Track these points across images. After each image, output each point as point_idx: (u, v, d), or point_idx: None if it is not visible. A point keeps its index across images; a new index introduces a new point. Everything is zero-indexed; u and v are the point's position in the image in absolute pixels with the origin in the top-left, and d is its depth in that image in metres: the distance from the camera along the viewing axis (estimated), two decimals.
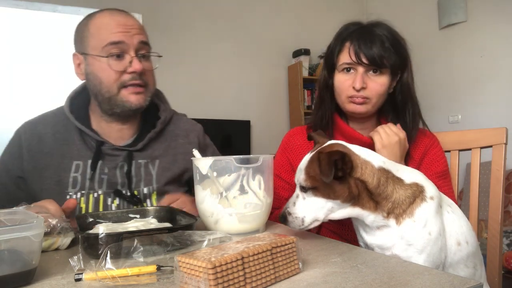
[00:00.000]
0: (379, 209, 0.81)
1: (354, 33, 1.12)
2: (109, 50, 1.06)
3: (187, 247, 0.72)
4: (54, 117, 1.18)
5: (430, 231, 0.80)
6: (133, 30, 1.09)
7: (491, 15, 3.77)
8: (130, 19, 1.11)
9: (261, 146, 4.34)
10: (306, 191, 0.82)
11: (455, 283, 0.55)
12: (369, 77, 1.10)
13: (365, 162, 0.81)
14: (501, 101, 3.69)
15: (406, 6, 4.57)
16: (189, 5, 4.13)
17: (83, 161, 1.11)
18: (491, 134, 1.20)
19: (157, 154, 1.18)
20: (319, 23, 4.74)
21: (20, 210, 0.74)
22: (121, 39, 1.06)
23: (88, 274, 0.58)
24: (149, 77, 1.14)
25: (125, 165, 1.12)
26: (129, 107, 1.10)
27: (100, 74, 1.08)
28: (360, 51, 1.08)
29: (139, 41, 1.09)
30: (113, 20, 1.08)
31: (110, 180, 1.11)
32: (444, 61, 4.17)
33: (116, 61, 1.07)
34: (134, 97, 1.10)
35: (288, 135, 1.29)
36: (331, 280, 0.58)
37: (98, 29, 1.08)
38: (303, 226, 0.83)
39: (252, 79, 4.45)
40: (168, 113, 1.24)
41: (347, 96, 1.13)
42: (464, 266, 0.86)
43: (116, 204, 1.11)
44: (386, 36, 1.10)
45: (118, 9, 1.13)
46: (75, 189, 1.10)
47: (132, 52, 1.08)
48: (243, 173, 0.88)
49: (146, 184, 1.14)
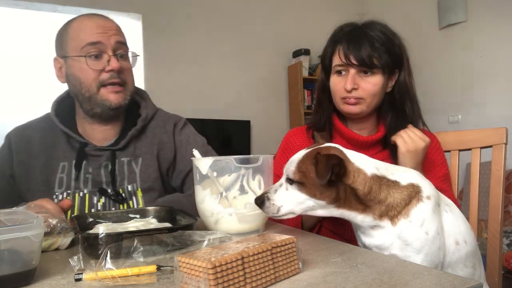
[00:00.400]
0: (368, 211, 0.81)
1: (344, 35, 1.13)
2: (87, 50, 1.10)
3: (187, 247, 0.72)
4: (42, 122, 1.23)
5: (428, 231, 0.80)
6: (110, 31, 1.12)
7: (491, 15, 3.77)
8: (107, 21, 1.15)
9: (261, 146, 4.34)
10: (291, 183, 0.82)
11: (455, 283, 0.55)
12: (361, 78, 1.11)
13: (358, 169, 0.81)
14: (501, 101, 3.69)
15: (406, 6, 4.57)
16: (189, 5, 4.13)
17: (68, 162, 1.16)
18: (491, 134, 1.20)
19: (140, 152, 1.20)
20: (319, 23, 4.74)
21: (20, 210, 0.74)
22: (98, 39, 1.10)
23: (88, 274, 0.58)
24: (127, 76, 1.17)
25: (109, 164, 1.15)
26: (108, 105, 1.13)
27: (80, 74, 1.12)
28: (349, 52, 1.09)
29: (116, 41, 1.12)
30: (91, 22, 1.12)
31: (94, 179, 1.15)
32: (444, 61, 4.17)
33: (95, 61, 1.10)
34: (113, 96, 1.13)
35: (288, 135, 1.29)
36: (331, 280, 0.58)
37: (76, 32, 1.12)
38: (277, 215, 0.83)
39: (252, 79, 4.45)
40: (150, 110, 1.25)
41: (340, 98, 1.14)
42: (463, 265, 0.86)
43: (102, 203, 1.14)
44: (377, 36, 1.10)
45: (96, 14, 1.17)
46: (61, 189, 1.14)
47: (110, 52, 1.11)
48: (243, 173, 0.88)
49: (130, 182, 1.16)
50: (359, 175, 0.80)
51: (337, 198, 0.80)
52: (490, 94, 3.78)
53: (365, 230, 0.85)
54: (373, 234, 0.84)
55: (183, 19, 4.10)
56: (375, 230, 0.83)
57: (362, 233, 0.86)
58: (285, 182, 0.83)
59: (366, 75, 1.11)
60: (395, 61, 1.13)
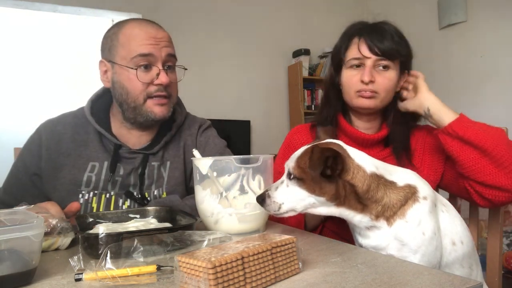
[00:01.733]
0: (366, 211, 0.81)
1: (363, 29, 1.14)
2: (137, 62, 1.08)
3: (187, 247, 0.72)
4: (74, 118, 1.20)
5: (424, 231, 0.80)
6: (162, 42, 1.10)
7: (491, 15, 3.76)
8: (159, 31, 1.12)
9: (261, 146, 4.34)
10: (292, 180, 0.82)
11: (455, 282, 0.55)
12: (377, 72, 1.11)
13: (358, 166, 0.81)
14: (501, 101, 3.69)
15: (406, 6, 4.56)
16: (189, 5, 4.13)
17: (100, 162, 1.14)
18: None
19: (168, 156, 1.20)
20: (319, 23, 4.74)
21: (20, 210, 0.74)
22: (150, 51, 1.07)
23: (88, 274, 0.58)
24: (173, 89, 1.16)
25: (140, 168, 1.15)
26: (153, 117, 1.12)
27: (127, 84, 1.10)
28: (373, 44, 1.09)
29: (167, 54, 1.11)
30: (143, 31, 1.09)
31: (123, 182, 1.14)
32: (444, 61, 4.17)
33: (144, 73, 1.08)
34: (159, 108, 1.12)
35: (292, 133, 1.29)
36: (331, 280, 0.58)
37: (128, 40, 1.09)
38: (278, 212, 0.83)
39: (252, 79, 4.45)
40: (182, 116, 1.27)
41: (355, 91, 1.13)
42: (460, 266, 0.86)
43: (127, 206, 1.13)
44: (394, 31, 1.13)
45: (148, 20, 1.15)
46: (89, 188, 1.12)
47: (160, 65, 1.09)
48: (243, 173, 0.88)
49: (157, 187, 1.16)
50: (358, 172, 0.80)
51: (337, 196, 0.79)
52: (490, 94, 3.78)
53: (361, 231, 0.85)
54: (369, 235, 0.84)
55: (183, 19, 4.10)
56: (371, 231, 0.83)
57: (359, 234, 0.86)
58: (286, 179, 0.83)
59: (382, 69, 1.11)
60: (407, 60, 1.15)
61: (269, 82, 4.57)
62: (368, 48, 1.10)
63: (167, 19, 4.01)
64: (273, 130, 4.40)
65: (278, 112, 4.62)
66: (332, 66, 1.22)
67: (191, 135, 1.25)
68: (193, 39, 4.13)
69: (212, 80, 4.23)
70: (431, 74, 4.53)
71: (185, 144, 1.23)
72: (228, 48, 4.32)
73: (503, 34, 3.67)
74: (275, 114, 4.59)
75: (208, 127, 1.32)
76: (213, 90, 4.22)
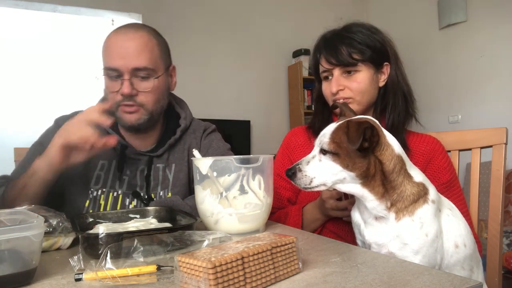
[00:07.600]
0: (385, 197, 0.82)
1: (320, 44, 1.18)
2: (107, 72, 1.12)
3: (187, 247, 0.72)
4: None
5: (427, 233, 0.81)
6: (129, 56, 1.09)
7: (491, 15, 3.77)
8: (132, 41, 1.11)
9: (261, 146, 4.34)
10: (325, 154, 0.82)
11: (455, 283, 0.55)
12: (346, 78, 1.13)
13: (388, 144, 0.83)
14: (501, 101, 3.69)
15: (406, 6, 4.57)
16: (189, 5, 4.13)
17: (108, 161, 1.19)
18: (491, 134, 1.20)
19: (173, 158, 1.23)
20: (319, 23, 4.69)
21: (20, 210, 0.74)
22: (115, 66, 1.09)
23: (88, 274, 0.58)
24: (146, 98, 1.14)
25: (145, 169, 1.19)
26: (123, 124, 1.17)
27: (106, 89, 1.16)
28: (330, 56, 1.13)
29: (133, 68, 1.10)
30: (113, 44, 1.11)
31: (130, 182, 1.18)
32: (444, 61, 4.17)
33: (112, 82, 1.12)
34: (128, 116, 1.14)
35: (290, 135, 1.29)
36: (331, 280, 0.58)
37: (104, 51, 1.14)
38: (309, 186, 0.84)
39: (252, 79, 4.45)
40: (188, 121, 1.29)
41: (332, 101, 1.16)
42: (461, 268, 0.87)
43: (134, 205, 1.16)
44: (355, 35, 1.13)
45: (128, 28, 1.14)
46: (98, 185, 1.17)
47: (127, 76, 1.10)
48: (243, 173, 0.88)
49: (163, 188, 1.20)
50: (387, 149, 0.82)
51: (366, 173, 0.80)
52: (490, 94, 3.78)
53: (369, 219, 0.86)
54: (375, 224, 0.84)
55: (183, 19, 4.09)
56: (379, 221, 0.84)
57: (365, 223, 0.87)
58: (318, 154, 0.84)
59: (350, 74, 1.13)
60: (379, 54, 1.14)
61: (269, 82, 4.57)
62: (326, 61, 1.14)
63: (167, 19, 4.02)
64: (273, 130, 4.40)
65: (278, 112, 4.62)
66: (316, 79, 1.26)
67: (195, 138, 1.29)
68: (193, 39, 4.13)
69: (212, 80, 4.23)
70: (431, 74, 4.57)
71: (190, 147, 1.26)
72: (228, 48, 4.32)
73: (503, 34, 3.67)
74: (275, 114, 4.59)
75: (213, 131, 1.35)
76: (213, 90, 4.22)
